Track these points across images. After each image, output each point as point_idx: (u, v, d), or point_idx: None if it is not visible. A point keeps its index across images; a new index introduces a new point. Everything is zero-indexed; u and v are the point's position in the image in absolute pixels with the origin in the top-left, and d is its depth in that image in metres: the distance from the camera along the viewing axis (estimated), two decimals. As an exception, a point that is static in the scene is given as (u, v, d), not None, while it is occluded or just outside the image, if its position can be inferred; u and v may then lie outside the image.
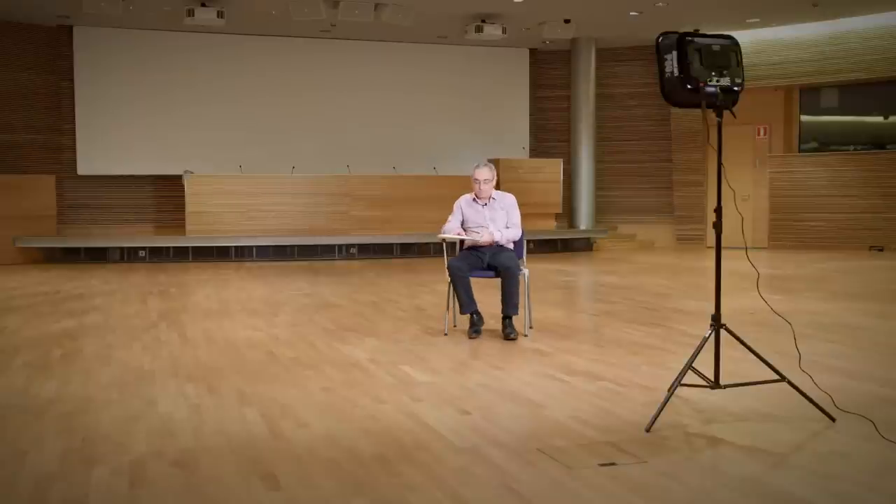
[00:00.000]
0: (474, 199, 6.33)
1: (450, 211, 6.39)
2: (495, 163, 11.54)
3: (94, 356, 5.52)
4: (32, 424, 3.89)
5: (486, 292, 6.70)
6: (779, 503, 2.89)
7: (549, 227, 14.89)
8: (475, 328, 6.08)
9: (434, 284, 9.54)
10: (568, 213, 16.03)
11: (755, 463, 3.26)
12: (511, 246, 6.33)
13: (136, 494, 2.98)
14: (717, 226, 3.85)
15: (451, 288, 6.14)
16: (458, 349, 5.70)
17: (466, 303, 6.07)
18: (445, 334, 6.16)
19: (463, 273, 6.07)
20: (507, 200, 6.36)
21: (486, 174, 6.25)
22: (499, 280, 6.10)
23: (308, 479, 3.13)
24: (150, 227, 14.95)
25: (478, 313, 6.12)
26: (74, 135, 14.44)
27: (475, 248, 6.28)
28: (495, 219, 6.28)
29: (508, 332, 5.95)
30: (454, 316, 6.34)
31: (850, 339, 6.05)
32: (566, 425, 3.79)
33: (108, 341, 6.09)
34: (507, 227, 6.29)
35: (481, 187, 6.25)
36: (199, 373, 4.96)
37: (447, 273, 6.11)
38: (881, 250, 14.10)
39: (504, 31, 14.30)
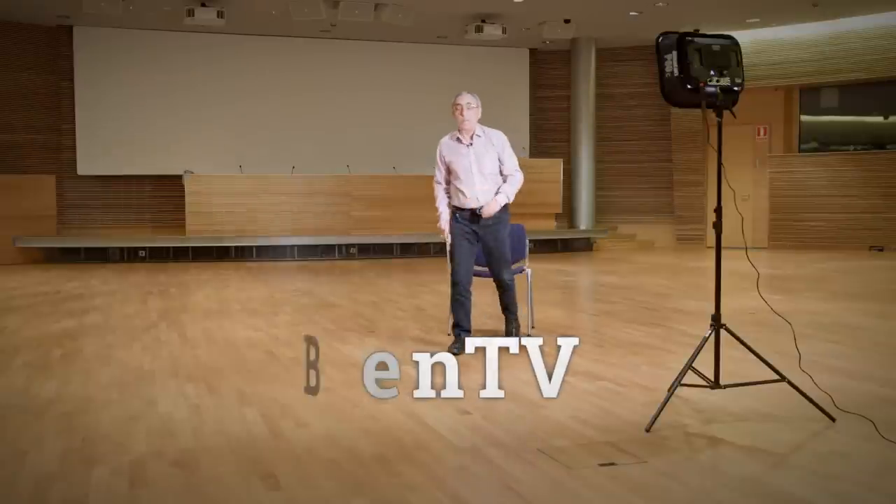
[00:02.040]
0: (457, 140, 5.49)
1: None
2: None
3: (94, 356, 5.52)
4: (32, 424, 3.89)
5: (488, 291, 6.69)
6: (779, 503, 2.89)
7: (549, 227, 14.88)
8: (459, 345, 5.42)
9: (434, 284, 9.54)
10: (568, 213, 16.04)
11: (755, 463, 3.26)
12: (506, 201, 5.48)
13: (136, 494, 2.98)
14: (717, 226, 3.85)
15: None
16: (458, 349, 5.68)
17: (460, 322, 5.55)
18: (449, 334, 6.13)
19: (468, 296, 5.54)
20: (496, 139, 5.50)
21: (467, 98, 5.40)
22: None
23: (308, 479, 3.13)
24: (150, 227, 14.96)
25: (466, 333, 5.52)
26: (74, 135, 14.46)
27: (465, 218, 5.53)
28: (482, 162, 5.44)
29: (509, 330, 5.87)
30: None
31: (850, 339, 6.05)
32: (566, 425, 3.79)
33: (108, 341, 6.09)
34: (504, 179, 5.48)
35: (463, 113, 5.37)
36: (199, 373, 4.96)
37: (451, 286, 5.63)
38: (881, 250, 14.10)
39: (504, 31, 14.31)
